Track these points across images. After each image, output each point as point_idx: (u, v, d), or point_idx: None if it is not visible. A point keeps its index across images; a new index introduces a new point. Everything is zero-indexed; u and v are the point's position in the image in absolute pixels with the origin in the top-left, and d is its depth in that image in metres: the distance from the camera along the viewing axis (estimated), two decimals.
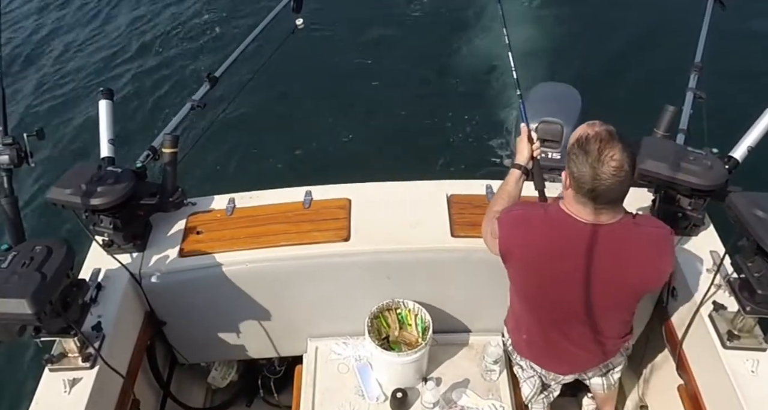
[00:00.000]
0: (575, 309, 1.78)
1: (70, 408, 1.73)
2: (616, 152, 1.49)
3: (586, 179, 1.52)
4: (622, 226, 1.64)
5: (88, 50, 6.22)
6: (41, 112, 5.39)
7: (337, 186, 2.35)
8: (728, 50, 4.95)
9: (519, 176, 1.93)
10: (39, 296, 1.51)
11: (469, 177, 2.42)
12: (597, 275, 1.68)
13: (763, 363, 1.80)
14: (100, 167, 2.10)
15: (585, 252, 1.64)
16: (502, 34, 2.16)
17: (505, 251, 1.77)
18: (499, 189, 1.98)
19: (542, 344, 1.95)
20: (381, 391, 2.20)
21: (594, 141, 1.51)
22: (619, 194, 1.57)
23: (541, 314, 1.87)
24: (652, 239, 1.69)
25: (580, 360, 2.00)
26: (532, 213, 1.76)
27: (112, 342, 1.90)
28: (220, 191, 2.39)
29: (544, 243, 1.71)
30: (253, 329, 2.32)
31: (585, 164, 1.51)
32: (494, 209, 1.89)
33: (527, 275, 1.80)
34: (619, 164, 1.50)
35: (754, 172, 2.22)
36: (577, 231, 1.63)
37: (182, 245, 2.17)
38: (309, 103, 5.31)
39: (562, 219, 1.66)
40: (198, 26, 6.43)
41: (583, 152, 1.52)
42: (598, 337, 1.88)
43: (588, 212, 1.61)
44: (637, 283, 1.73)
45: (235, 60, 2.58)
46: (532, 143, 1.94)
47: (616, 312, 1.83)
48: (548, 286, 1.76)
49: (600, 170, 1.50)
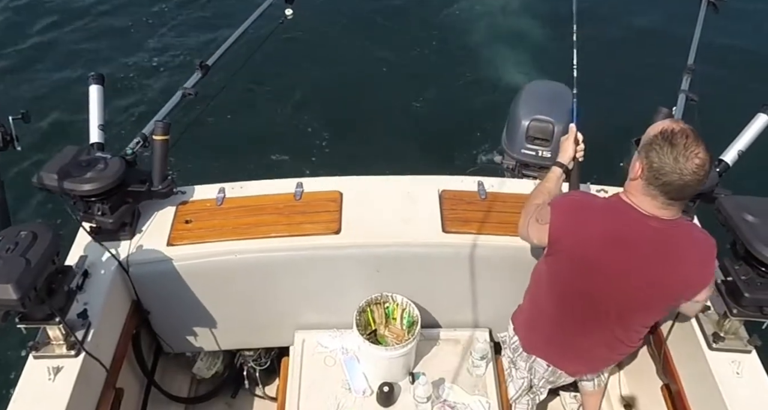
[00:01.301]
0: (610, 304, 1.75)
1: (54, 395, 1.71)
2: (701, 150, 1.50)
3: (666, 170, 1.52)
4: (678, 225, 1.64)
5: (79, 33, 6.12)
6: (28, 95, 5.30)
7: (329, 179, 2.34)
8: (721, 53, 4.99)
9: (560, 174, 1.95)
10: (23, 282, 1.49)
11: (461, 173, 2.42)
12: (644, 270, 1.67)
13: (747, 364, 1.82)
14: (89, 152, 2.07)
15: (641, 244, 1.65)
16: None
17: (556, 237, 1.73)
18: (539, 185, 1.98)
19: (561, 343, 1.95)
20: (367, 385, 2.20)
21: (681, 135, 1.51)
22: (692, 192, 1.58)
23: (576, 307, 1.83)
24: (702, 245, 1.68)
25: (593, 361, 2.01)
26: (592, 199, 1.77)
27: (97, 329, 1.88)
28: (210, 181, 2.36)
29: (602, 230, 1.69)
30: (240, 320, 2.31)
31: (669, 155, 1.51)
32: (535, 202, 1.88)
33: (573, 264, 1.75)
34: (702, 162, 1.50)
35: (744, 176, 2.24)
36: (638, 222, 1.63)
37: (171, 234, 2.15)
38: (301, 94, 5.29)
39: (623, 208, 1.65)
40: (191, 14, 6.37)
41: (669, 144, 1.52)
42: (623, 336, 1.86)
43: (654, 205, 1.60)
44: (679, 286, 1.71)
45: (227, 49, 2.56)
46: (577, 144, 1.95)
47: (647, 314, 1.80)
48: (597, 275, 1.73)
49: (684, 164, 1.50)
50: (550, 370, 2.03)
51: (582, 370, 2.07)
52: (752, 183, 2.20)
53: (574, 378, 2.11)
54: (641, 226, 1.62)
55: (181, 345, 2.44)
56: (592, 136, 2.03)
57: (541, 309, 1.93)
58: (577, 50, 2.03)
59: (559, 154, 1.99)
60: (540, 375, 2.06)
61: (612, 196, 1.74)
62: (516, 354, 2.08)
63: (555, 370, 2.02)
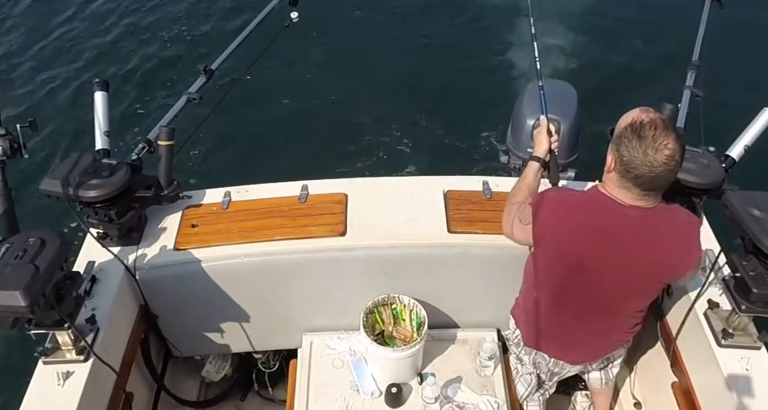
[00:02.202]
0: (600, 295, 1.78)
1: (63, 400, 1.72)
2: (670, 141, 1.50)
3: (636, 163, 1.53)
4: (657, 212, 1.64)
5: (84, 41, 6.16)
6: (34, 103, 5.34)
7: (334, 181, 2.34)
8: (726, 48, 4.96)
9: (538, 168, 1.93)
10: (32, 289, 1.49)
11: (466, 173, 2.42)
12: (628, 260, 1.68)
13: (757, 361, 1.81)
14: (95, 159, 2.08)
15: (621, 235, 1.65)
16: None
17: (540, 234, 1.74)
18: (518, 182, 1.96)
19: (557, 333, 1.95)
20: (376, 386, 2.20)
21: (649, 127, 1.51)
22: (665, 183, 1.58)
23: (567, 300, 1.85)
24: (683, 228, 1.70)
25: (592, 349, 2.01)
26: (569, 195, 1.77)
27: (106, 334, 1.89)
28: (216, 185, 2.37)
29: (582, 224, 1.70)
30: (247, 323, 2.32)
31: (638, 149, 1.52)
32: (515, 200, 1.88)
33: (559, 259, 1.77)
34: (672, 152, 1.50)
35: (751, 170, 2.23)
36: (617, 214, 1.63)
37: (177, 239, 2.16)
38: (306, 97, 5.29)
39: (601, 201, 1.66)
40: (194, 18, 6.39)
41: (637, 136, 1.52)
42: (617, 325, 1.88)
43: (630, 197, 1.61)
44: (663, 271, 1.73)
45: (231, 53, 2.57)
46: (550, 136, 1.93)
47: (637, 300, 1.83)
48: (580, 269, 1.74)
49: (653, 156, 1.50)
50: (552, 362, 2.03)
51: (583, 359, 2.06)
52: (759, 178, 2.18)
53: (579, 369, 2.10)
54: (619, 217, 1.64)
55: (190, 348, 2.45)
56: (597, 133, 2.03)
57: (535, 302, 1.94)
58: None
59: (534, 148, 1.97)
60: (544, 367, 2.06)
61: (590, 189, 1.75)
62: (519, 348, 2.09)
63: (557, 361, 2.03)
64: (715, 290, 1.96)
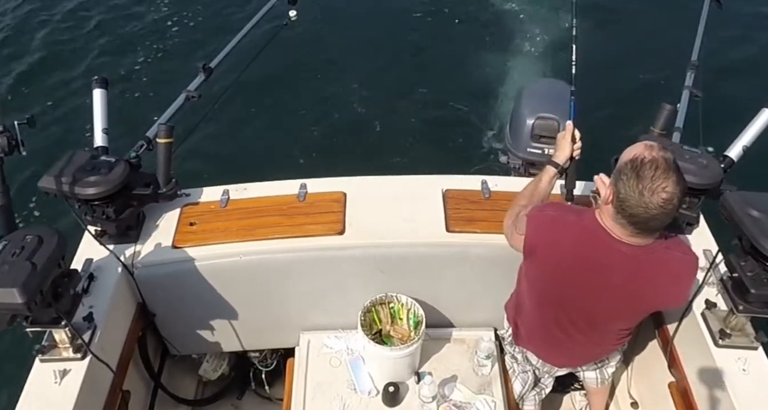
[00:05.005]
0: (586, 314, 1.78)
1: (60, 398, 1.72)
2: (669, 184, 1.43)
3: (631, 203, 1.46)
4: (651, 250, 1.59)
5: (82, 37, 6.14)
6: (32, 100, 5.33)
7: (333, 179, 2.34)
8: (725, 49, 4.96)
9: (554, 174, 1.87)
10: (29, 286, 1.49)
11: (464, 172, 2.41)
12: (616, 291, 1.67)
13: (754, 361, 1.81)
14: (93, 156, 2.08)
15: (612, 270, 1.63)
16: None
17: (530, 249, 1.73)
18: (529, 184, 1.91)
19: (542, 337, 1.96)
20: (373, 385, 2.20)
21: (650, 167, 1.44)
22: (660, 224, 1.51)
23: (549, 312, 1.85)
24: (676, 266, 1.65)
25: (578, 357, 2.02)
26: (565, 217, 1.70)
27: (103, 332, 1.89)
28: (214, 183, 2.37)
29: (573, 251, 1.67)
30: (245, 321, 2.32)
31: (635, 188, 1.45)
32: (520, 203, 1.84)
33: (547, 276, 1.77)
34: (669, 196, 1.43)
35: (749, 171, 2.23)
36: (610, 248, 1.59)
37: (176, 237, 2.15)
38: (305, 95, 5.28)
39: (595, 231, 1.61)
40: (194, 16, 6.37)
41: (636, 175, 1.45)
42: (600, 340, 1.89)
43: (624, 233, 1.57)
44: (652, 305, 1.76)
45: (230, 51, 2.56)
46: (574, 142, 1.88)
47: (622, 323, 1.83)
48: (566, 290, 1.74)
49: (648, 198, 1.44)
50: (540, 361, 2.04)
51: (569, 363, 2.06)
52: (757, 179, 2.18)
53: (569, 369, 2.11)
54: (611, 251, 1.60)
55: (187, 347, 2.45)
56: (594, 133, 2.02)
57: (524, 304, 1.95)
58: (577, 46, 2.01)
59: (554, 153, 1.91)
60: (533, 365, 2.07)
61: (587, 213, 1.68)
62: (512, 347, 2.10)
63: (545, 362, 2.04)
64: (713, 291, 1.96)
